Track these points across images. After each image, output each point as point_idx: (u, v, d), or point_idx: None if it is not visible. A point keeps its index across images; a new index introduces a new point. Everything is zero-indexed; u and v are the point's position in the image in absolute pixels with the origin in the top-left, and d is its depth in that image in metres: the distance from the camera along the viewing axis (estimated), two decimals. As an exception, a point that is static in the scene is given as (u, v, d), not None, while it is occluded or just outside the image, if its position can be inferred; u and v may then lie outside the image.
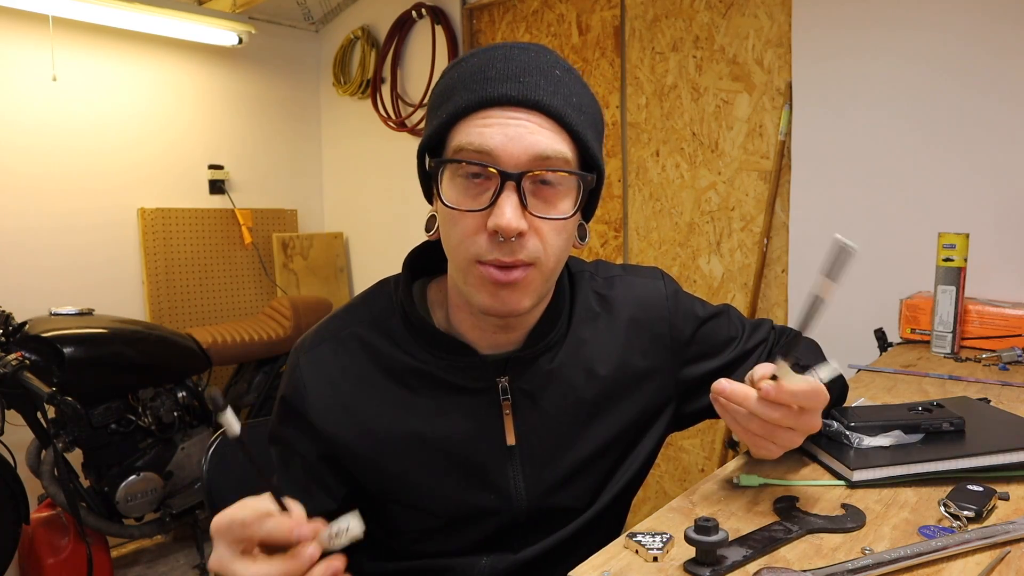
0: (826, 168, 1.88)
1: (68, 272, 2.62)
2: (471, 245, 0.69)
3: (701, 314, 0.90)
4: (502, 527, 0.80)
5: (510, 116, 0.68)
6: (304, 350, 0.80)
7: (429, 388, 0.77)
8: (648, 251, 2.36)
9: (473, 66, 0.71)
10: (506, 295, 0.70)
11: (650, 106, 2.30)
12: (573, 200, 0.71)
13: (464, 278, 0.72)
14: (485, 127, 0.67)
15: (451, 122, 0.70)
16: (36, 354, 2.00)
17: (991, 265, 1.59)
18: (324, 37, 3.33)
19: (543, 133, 0.68)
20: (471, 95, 0.68)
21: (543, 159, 0.68)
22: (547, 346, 0.80)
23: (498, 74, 0.69)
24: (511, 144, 0.67)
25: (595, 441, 0.82)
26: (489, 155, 0.67)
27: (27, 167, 2.51)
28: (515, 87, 0.68)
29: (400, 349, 0.78)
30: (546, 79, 0.70)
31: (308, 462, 0.78)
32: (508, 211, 0.66)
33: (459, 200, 0.69)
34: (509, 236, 0.67)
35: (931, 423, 0.79)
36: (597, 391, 0.82)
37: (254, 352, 2.61)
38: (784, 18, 1.97)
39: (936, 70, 1.67)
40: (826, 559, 0.60)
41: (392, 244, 3.15)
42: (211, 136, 3.02)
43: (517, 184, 0.67)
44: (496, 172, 0.67)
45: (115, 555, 2.49)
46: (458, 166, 0.69)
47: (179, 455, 2.32)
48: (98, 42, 2.66)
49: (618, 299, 0.86)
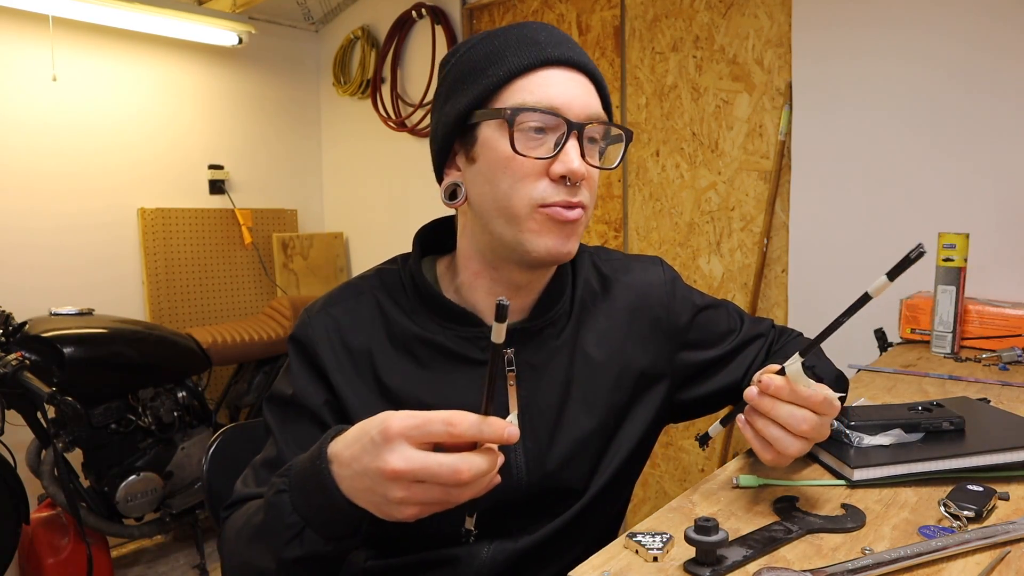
0: (826, 168, 1.88)
1: (68, 272, 2.62)
2: (532, 191, 0.74)
3: (699, 302, 0.94)
4: (502, 504, 0.79)
5: (569, 77, 0.75)
6: (315, 311, 0.82)
7: (435, 357, 0.79)
8: (648, 251, 2.36)
9: (514, 36, 0.76)
10: (567, 235, 0.75)
11: (650, 106, 2.30)
12: (618, 152, 0.79)
13: (520, 225, 0.75)
14: (550, 85, 0.73)
15: (505, 80, 0.74)
16: (36, 354, 2.00)
17: (991, 265, 1.59)
18: (324, 37, 3.33)
19: (592, 95, 0.76)
20: (527, 56, 0.74)
21: (596, 117, 0.75)
22: (551, 320, 0.83)
23: (548, 40, 0.75)
24: (574, 100, 0.74)
25: (591, 418, 0.83)
26: (557, 109, 0.73)
27: (27, 167, 2.51)
28: (566, 51, 0.75)
29: (408, 318, 0.80)
30: (578, 49, 0.77)
31: (315, 414, 0.78)
32: (577, 157, 0.72)
33: (522, 149, 0.73)
34: (577, 180, 0.73)
35: (931, 422, 0.80)
36: (595, 369, 0.84)
37: (254, 352, 2.61)
38: (784, 18, 1.97)
39: (936, 70, 1.67)
40: (826, 559, 0.60)
41: (392, 244, 3.15)
42: (211, 136, 3.02)
43: (579, 134, 0.73)
44: (564, 122, 0.73)
45: (115, 555, 2.49)
46: (523, 118, 0.72)
47: (179, 455, 2.32)
48: (98, 42, 2.66)
49: (619, 281, 0.90)
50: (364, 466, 0.56)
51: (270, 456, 0.79)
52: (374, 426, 0.56)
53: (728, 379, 0.93)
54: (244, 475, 0.81)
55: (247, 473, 0.81)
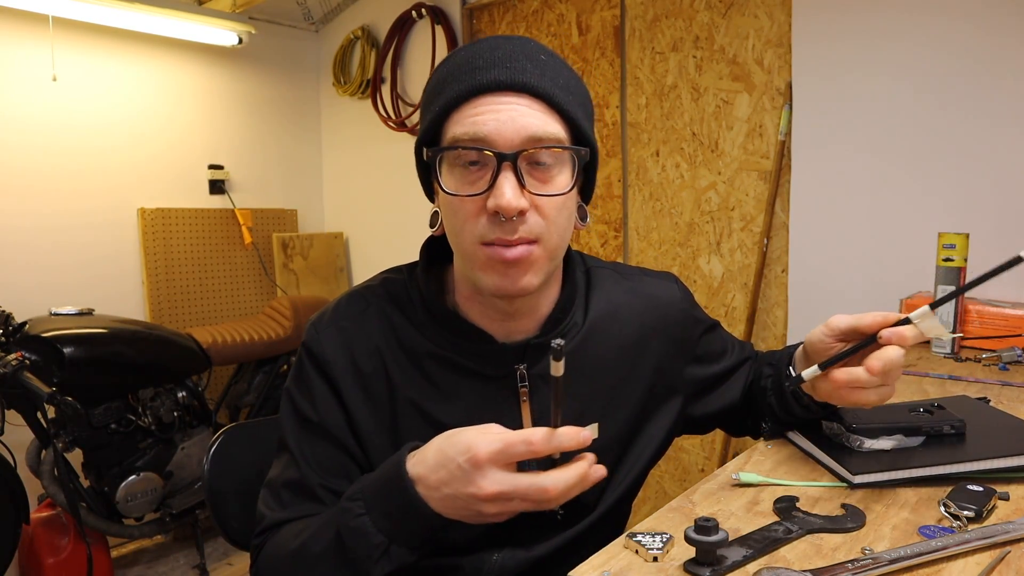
0: (826, 168, 1.88)
1: (68, 272, 2.62)
2: (474, 228, 0.71)
3: (704, 320, 0.95)
4: (514, 519, 0.79)
5: (501, 101, 0.69)
6: (324, 325, 0.81)
7: (446, 372, 0.79)
8: (648, 251, 2.36)
9: (461, 59, 0.73)
10: (514, 273, 0.72)
11: (650, 106, 2.30)
12: (569, 176, 0.73)
13: (471, 263, 0.73)
14: (478, 115, 0.69)
15: (444, 114, 0.72)
16: (36, 354, 2.00)
17: (991, 265, 1.58)
18: (324, 37, 3.33)
19: (534, 115, 0.70)
20: (461, 85, 0.70)
21: (536, 140, 0.69)
22: (562, 334, 0.81)
23: (485, 63, 0.71)
24: (504, 128, 0.69)
25: (607, 433, 0.83)
26: (484, 140, 0.69)
27: (27, 167, 2.51)
28: (503, 72, 0.70)
29: (418, 332, 0.79)
30: (532, 63, 0.72)
31: (336, 437, 0.78)
32: (507, 190, 0.68)
33: (458, 187, 0.71)
34: (510, 215, 0.68)
35: (932, 426, 0.79)
36: (611, 383, 0.84)
37: (254, 352, 2.60)
38: (784, 18, 1.97)
39: (937, 70, 1.67)
40: (826, 559, 0.60)
41: (392, 244, 3.15)
42: (211, 136, 3.02)
43: (513, 164, 0.69)
44: (492, 155, 0.69)
45: (115, 555, 2.49)
46: (456, 155, 0.70)
47: (179, 455, 2.32)
48: (98, 42, 2.66)
49: (634, 298, 0.89)
50: (456, 491, 0.62)
51: (292, 478, 0.78)
52: (459, 452, 0.62)
53: (731, 396, 0.95)
54: (263, 498, 0.81)
55: (266, 495, 0.80)
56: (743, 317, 2.10)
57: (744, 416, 0.97)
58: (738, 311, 2.15)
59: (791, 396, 0.83)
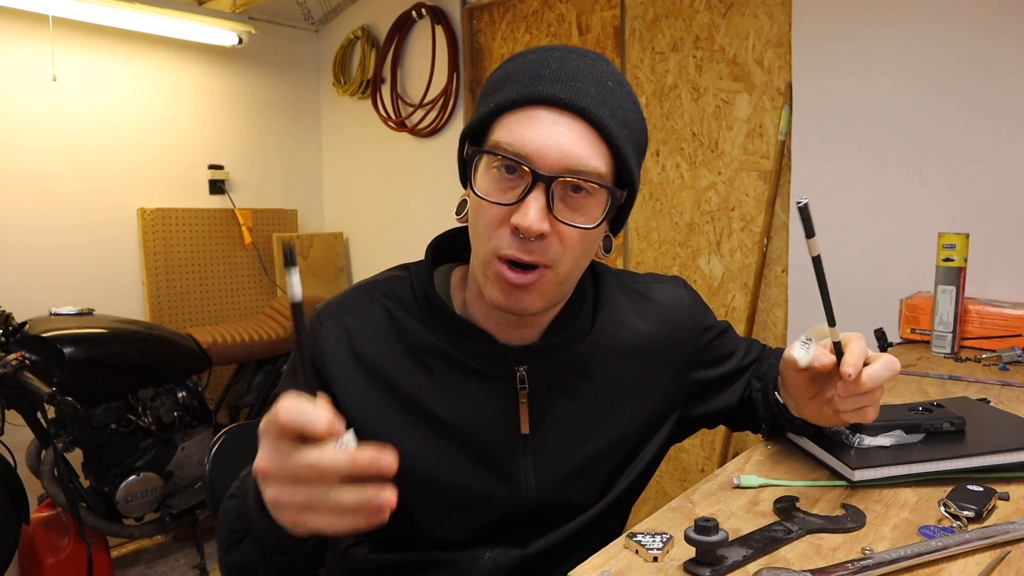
0: (826, 168, 1.87)
1: (68, 272, 2.61)
2: (493, 237, 0.70)
3: (711, 324, 0.95)
4: (508, 517, 0.80)
5: (553, 120, 0.68)
6: (326, 318, 0.80)
7: (447, 370, 0.78)
8: (648, 251, 2.36)
9: (529, 61, 0.71)
10: (518, 295, 0.71)
11: (650, 106, 2.30)
12: (601, 211, 0.71)
13: (483, 270, 0.73)
14: (527, 127, 0.68)
15: (497, 113, 0.71)
16: (36, 354, 2.00)
17: (991, 265, 1.59)
18: (324, 37, 3.33)
19: (581, 144, 0.68)
20: (521, 89, 0.69)
21: (576, 170, 0.68)
22: (568, 339, 0.81)
23: (551, 74, 0.69)
24: (548, 149, 0.67)
25: (606, 438, 0.83)
26: (525, 156, 0.67)
27: (27, 167, 2.51)
28: (565, 90, 0.68)
29: (422, 327, 0.79)
30: (597, 87, 0.70)
31: None
32: (533, 211, 0.67)
33: (490, 191, 0.70)
34: (530, 236, 0.67)
35: (932, 423, 0.80)
36: (613, 389, 0.84)
37: (254, 352, 2.61)
38: (784, 18, 1.97)
39: (936, 70, 1.67)
40: (826, 559, 0.60)
41: (392, 244, 3.15)
42: (211, 136, 3.01)
43: (547, 186, 0.68)
44: (529, 171, 0.67)
45: (115, 555, 2.49)
46: (494, 157, 0.70)
47: (179, 455, 2.32)
48: (98, 42, 2.66)
49: (642, 303, 0.89)
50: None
51: None
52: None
53: (729, 400, 0.95)
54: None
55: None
56: (743, 317, 2.10)
57: (743, 416, 0.97)
58: (738, 311, 2.15)
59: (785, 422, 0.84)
